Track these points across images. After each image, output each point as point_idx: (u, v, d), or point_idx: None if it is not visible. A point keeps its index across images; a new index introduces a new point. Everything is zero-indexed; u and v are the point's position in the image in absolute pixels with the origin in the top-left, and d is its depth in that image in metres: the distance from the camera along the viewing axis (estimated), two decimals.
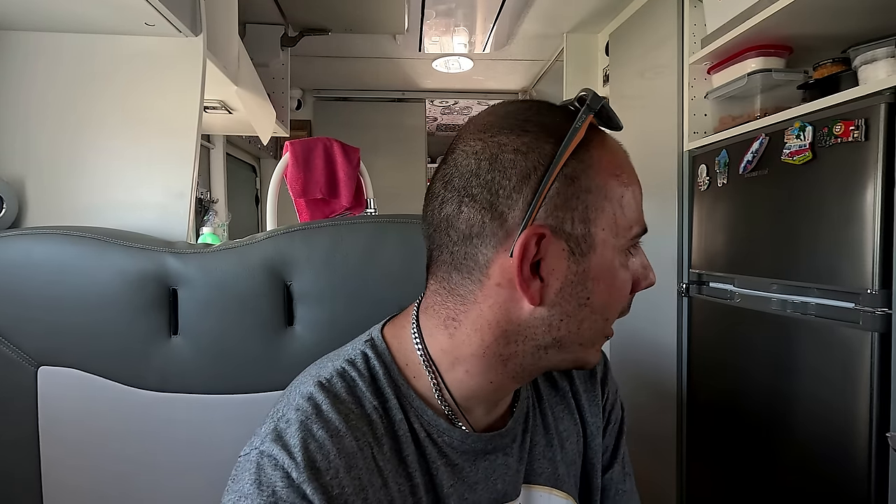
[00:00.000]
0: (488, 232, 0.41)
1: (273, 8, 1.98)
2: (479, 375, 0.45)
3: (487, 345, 0.43)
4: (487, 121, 0.44)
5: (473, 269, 0.43)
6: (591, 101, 0.43)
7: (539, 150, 0.41)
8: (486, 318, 0.43)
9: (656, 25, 1.79)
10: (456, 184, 0.43)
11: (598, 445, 0.57)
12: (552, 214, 0.41)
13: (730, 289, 1.41)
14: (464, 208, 0.42)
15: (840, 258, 1.06)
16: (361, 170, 1.53)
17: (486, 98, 3.65)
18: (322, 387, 0.44)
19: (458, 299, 0.44)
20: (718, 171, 1.43)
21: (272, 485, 0.38)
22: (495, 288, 0.42)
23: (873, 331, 1.00)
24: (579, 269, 0.42)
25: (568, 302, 0.42)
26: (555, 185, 0.41)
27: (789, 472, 1.21)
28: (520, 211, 0.41)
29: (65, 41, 0.84)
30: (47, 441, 0.66)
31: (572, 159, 0.41)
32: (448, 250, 0.44)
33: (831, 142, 1.06)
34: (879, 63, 1.07)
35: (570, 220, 0.41)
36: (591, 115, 0.42)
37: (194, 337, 0.66)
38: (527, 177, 0.41)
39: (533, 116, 0.43)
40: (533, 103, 0.46)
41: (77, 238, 0.67)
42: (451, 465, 0.46)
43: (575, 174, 0.41)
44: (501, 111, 0.45)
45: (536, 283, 0.41)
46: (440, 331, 0.45)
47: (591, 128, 0.43)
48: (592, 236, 0.41)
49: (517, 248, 0.40)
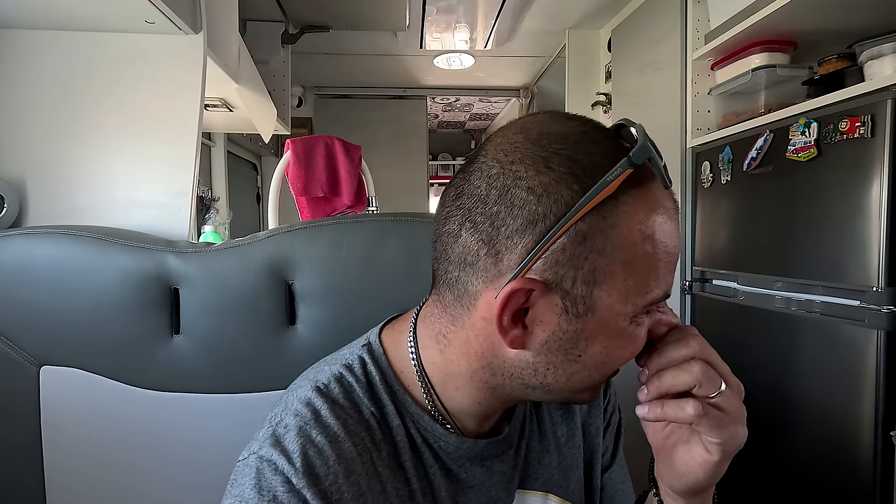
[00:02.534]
0: (481, 265, 0.39)
1: (273, 5, 1.98)
2: (468, 396, 0.44)
3: (474, 370, 0.43)
4: (515, 140, 0.39)
5: (463, 296, 0.41)
6: (635, 154, 0.36)
7: (555, 197, 0.36)
8: (472, 347, 0.42)
9: (659, 21, 1.78)
10: (463, 203, 0.39)
11: (597, 446, 0.57)
12: (551, 269, 0.37)
13: (733, 286, 1.41)
14: (464, 232, 0.39)
15: (845, 256, 1.06)
16: (363, 168, 1.52)
17: (488, 95, 3.64)
18: (320, 392, 0.43)
19: (450, 318, 0.43)
20: (722, 167, 1.42)
21: (272, 490, 0.38)
22: (482, 321, 0.40)
23: (879, 329, 0.99)
24: (571, 329, 0.38)
25: (555, 354, 0.39)
26: (562, 239, 0.36)
27: (793, 470, 1.21)
28: (517, 256, 0.37)
29: (65, 39, 0.83)
30: (50, 440, 0.66)
31: (592, 214, 0.36)
32: (444, 268, 0.42)
33: (837, 138, 1.05)
34: (886, 58, 1.06)
35: (572, 280, 0.37)
36: (628, 171, 0.36)
37: (196, 336, 0.66)
38: (533, 223, 0.36)
39: (564, 150, 0.37)
40: (575, 128, 0.39)
41: (78, 237, 0.67)
42: (447, 470, 0.46)
43: (590, 232, 0.36)
44: (535, 132, 0.39)
45: (518, 331, 0.39)
46: (433, 344, 0.45)
47: (635, 182, 0.37)
48: (594, 299, 0.37)
49: (501, 295, 0.37)
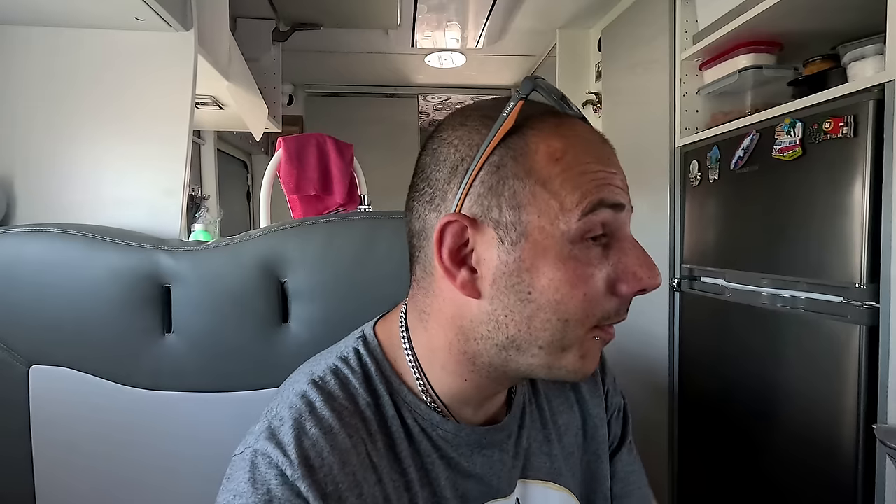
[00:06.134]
0: (429, 225, 0.42)
1: (264, 2, 1.96)
2: (453, 373, 0.45)
3: (450, 341, 0.44)
4: (444, 122, 0.45)
5: (426, 263, 0.44)
6: (522, 86, 0.41)
7: (469, 141, 0.41)
8: (444, 313, 0.44)
9: (649, 21, 1.80)
10: (415, 183, 0.45)
11: (602, 437, 0.56)
12: (477, 203, 0.40)
13: (721, 283, 1.43)
14: (414, 203, 0.44)
15: (829, 253, 1.08)
16: (355, 166, 1.52)
17: (479, 94, 3.64)
18: (315, 384, 0.44)
19: (424, 292, 0.45)
20: (710, 166, 1.44)
21: (266, 483, 0.38)
22: (443, 281, 0.43)
23: (861, 324, 1.01)
24: (510, 259, 0.40)
25: (506, 295, 0.40)
26: (480, 174, 0.40)
27: (779, 463, 1.23)
28: (450, 203, 0.41)
29: (54, 36, 0.82)
30: (39, 440, 0.66)
31: (501, 147, 0.40)
32: (413, 246, 0.45)
33: (821, 138, 1.07)
34: (868, 60, 1.08)
35: (498, 207, 0.40)
36: (520, 102, 0.40)
37: (188, 335, 0.66)
38: (455, 168, 0.41)
39: (478, 110, 0.43)
40: (495, 98, 0.45)
41: (67, 235, 0.66)
42: (446, 458, 0.46)
43: (502, 162, 0.40)
44: (460, 109, 0.45)
45: (465, 274, 0.41)
46: (418, 324, 0.46)
47: (541, 115, 0.41)
48: (524, 223, 0.39)
49: (434, 234, 0.41)
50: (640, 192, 1.75)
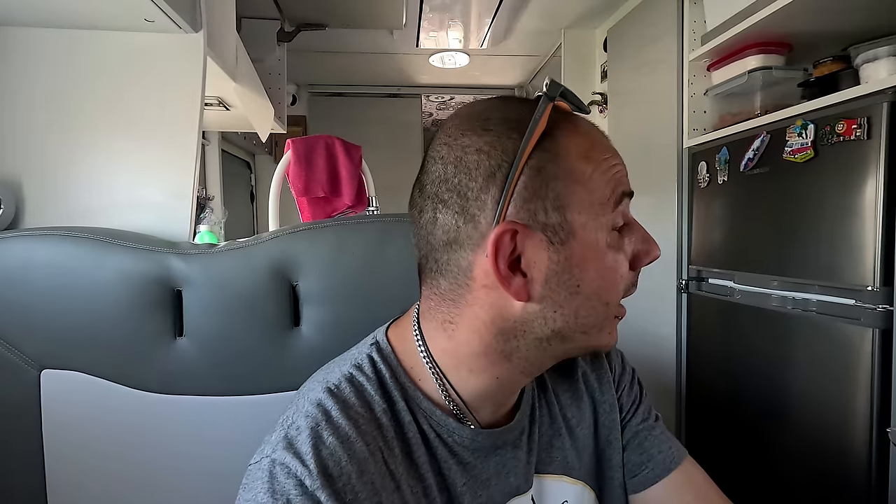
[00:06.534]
0: (464, 236, 0.42)
1: (269, 3, 1.96)
2: (483, 373, 0.45)
3: (487, 343, 0.43)
4: (453, 124, 0.44)
5: (458, 275, 0.43)
6: (550, 89, 0.42)
7: (502, 147, 0.41)
8: (481, 320, 0.43)
9: (655, 22, 1.79)
10: (428, 191, 0.43)
11: (613, 422, 0.56)
12: (523, 208, 0.40)
13: (729, 285, 1.42)
14: (438, 215, 0.42)
15: (841, 255, 1.07)
16: (363, 168, 1.52)
17: (483, 94, 3.63)
18: (331, 393, 0.43)
19: (451, 303, 0.44)
20: (719, 168, 1.43)
21: (286, 493, 0.38)
22: (483, 290, 0.42)
23: (874, 327, 1.01)
24: (561, 258, 0.41)
25: (557, 293, 0.41)
26: (521, 179, 0.40)
27: (790, 467, 1.22)
28: (490, 211, 0.40)
29: (63, 37, 0.82)
30: (51, 445, 0.65)
31: (537, 150, 0.41)
32: (433, 257, 0.44)
33: (833, 140, 1.07)
34: (881, 62, 1.08)
35: (544, 210, 0.40)
36: (550, 104, 0.42)
37: (200, 338, 0.65)
38: (492, 175, 0.40)
39: (495, 113, 0.43)
40: (497, 99, 0.45)
41: (78, 239, 0.66)
42: (463, 463, 0.46)
43: (541, 164, 0.40)
44: (465, 112, 0.45)
45: (519, 280, 0.41)
46: (439, 333, 0.45)
47: (558, 115, 0.43)
48: (570, 223, 0.41)
49: (489, 246, 0.40)
50: (646, 192, 1.74)
